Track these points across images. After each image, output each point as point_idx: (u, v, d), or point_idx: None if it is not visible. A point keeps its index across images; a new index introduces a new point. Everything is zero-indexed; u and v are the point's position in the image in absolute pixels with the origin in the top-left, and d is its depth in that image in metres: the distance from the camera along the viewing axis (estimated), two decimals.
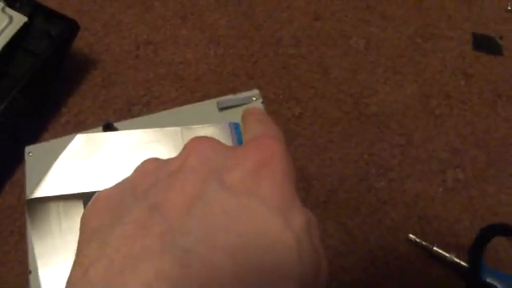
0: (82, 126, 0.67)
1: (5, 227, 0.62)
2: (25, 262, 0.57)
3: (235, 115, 0.53)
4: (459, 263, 0.55)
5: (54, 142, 0.55)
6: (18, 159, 0.62)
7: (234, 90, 0.59)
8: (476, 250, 0.54)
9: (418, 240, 0.57)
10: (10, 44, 0.63)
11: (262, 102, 0.54)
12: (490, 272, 0.54)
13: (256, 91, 0.54)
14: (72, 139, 0.51)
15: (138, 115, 0.64)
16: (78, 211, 0.49)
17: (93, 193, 0.46)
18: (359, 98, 0.66)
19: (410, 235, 0.57)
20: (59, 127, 0.67)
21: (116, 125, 0.54)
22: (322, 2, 0.74)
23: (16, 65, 0.64)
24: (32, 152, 0.54)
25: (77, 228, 0.46)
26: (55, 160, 0.50)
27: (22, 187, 0.63)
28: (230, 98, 0.55)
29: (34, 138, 0.58)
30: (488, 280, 0.53)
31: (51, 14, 0.66)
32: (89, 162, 0.50)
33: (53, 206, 0.49)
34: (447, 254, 0.55)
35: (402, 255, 0.57)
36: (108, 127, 0.53)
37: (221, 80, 0.68)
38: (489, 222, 0.57)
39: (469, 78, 0.67)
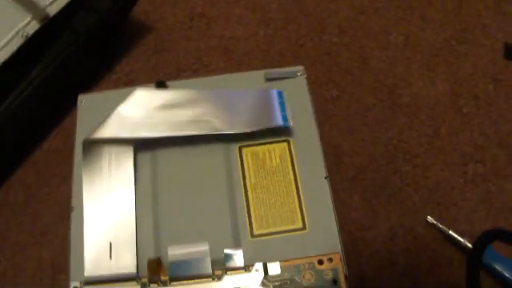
0: (132, 85, 0.71)
1: (48, 170, 0.67)
2: (63, 203, 0.62)
3: (280, 87, 0.57)
4: (471, 248, 0.59)
5: (106, 94, 0.60)
6: (68, 108, 0.67)
7: (279, 68, 0.63)
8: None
9: (435, 222, 0.61)
10: (75, 1, 0.67)
11: (306, 78, 0.59)
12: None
13: (301, 67, 0.59)
14: (124, 93, 0.55)
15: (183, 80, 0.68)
16: (127, 155, 0.53)
17: (144, 138, 0.51)
18: (394, 88, 0.70)
19: (429, 217, 0.62)
20: (110, 83, 0.72)
21: (167, 84, 0.58)
22: None
23: (79, 20, 0.68)
24: (85, 100, 0.58)
25: (124, 171, 0.52)
26: (106, 110, 0.54)
27: (68, 134, 0.68)
28: (276, 70, 0.59)
29: (84, 91, 0.63)
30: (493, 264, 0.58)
31: None
32: (143, 113, 0.54)
33: (106, 148, 0.53)
34: (461, 239, 0.60)
35: (419, 235, 0.61)
36: (160, 84, 0.57)
37: (267, 57, 0.73)
38: (504, 216, 0.62)
39: (497, 83, 0.71)
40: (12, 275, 0.62)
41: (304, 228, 0.50)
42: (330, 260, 0.48)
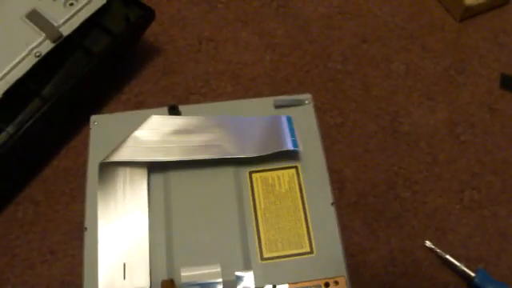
0: (141, 106, 0.74)
1: (58, 188, 0.69)
2: (72, 222, 0.64)
3: (288, 113, 0.60)
4: (467, 272, 0.62)
5: (118, 115, 0.62)
6: (78, 127, 0.69)
7: (285, 94, 0.65)
8: None
9: (433, 247, 0.64)
10: (88, 21, 0.69)
11: (313, 106, 0.61)
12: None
13: (309, 95, 0.62)
14: (135, 116, 0.59)
15: (195, 103, 0.70)
16: (141, 177, 0.55)
17: (157, 162, 0.53)
18: (395, 116, 0.73)
19: (427, 242, 0.64)
20: (120, 104, 0.74)
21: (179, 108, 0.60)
22: (369, 26, 0.81)
23: (92, 40, 0.70)
24: (97, 121, 0.60)
25: (138, 193, 0.54)
26: (118, 131, 0.57)
27: (78, 152, 0.70)
28: (285, 97, 0.62)
29: (94, 111, 0.64)
30: None
31: (129, 0, 0.72)
32: (157, 138, 0.56)
33: (121, 170, 0.55)
34: (458, 263, 0.62)
35: (417, 259, 0.64)
36: (173, 109, 0.60)
37: (274, 83, 0.75)
38: (498, 241, 0.65)
39: (493, 112, 0.74)
40: None
41: (311, 252, 0.53)
42: (336, 283, 0.50)
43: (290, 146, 0.56)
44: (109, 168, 0.55)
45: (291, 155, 0.57)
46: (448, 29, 0.82)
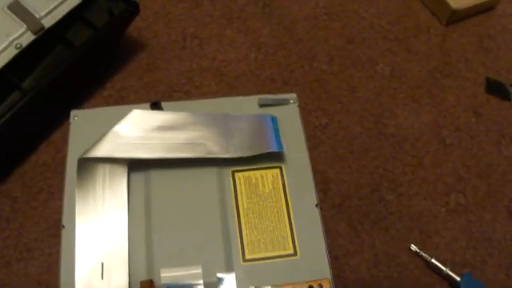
0: (123, 102, 0.72)
1: (35, 183, 0.67)
2: (50, 219, 0.62)
3: (272, 113, 0.59)
4: (452, 276, 0.61)
5: (98, 110, 0.60)
6: (58, 121, 0.68)
7: (269, 93, 0.64)
8: None
9: (418, 251, 0.63)
10: (71, 14, 0.68)
11: (298, 106, 0.60)
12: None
13: (294, 95, 0.61)
14: (117, 111, 0.57)
15: (178, 101, 0.69)
16: (121, 175, 0.54)
17: (138, 159, 0.52)
18: (380, 118, 0.72)
19: (412, 245, 0.64)
20: (101, 99, 0.73)
21: (162, 105, 0.59)
22: (355, 27, 0.81)
23: (74, 33, 0.69)
24: (77, 116, 0.59)
25: (117, 191, 0.52)
26: (99, 126, 0.55)
27: (57, 148, 0.68)
28: (270, 96, 0.61)
29: (74, 106, 0.63)
30: None
31: None
32: (139, 133, 0.55)
33: (100, 167, 0.54)
34: (443, 267, 0.62)
35: (402, 262, 0.63)
36: (155, 105, 0.58)
37: (258, 81, 0.74)
38: (483, 245, 0.64)
39: (478, 116, 0.74)
40: None
41: (295, 254, 0.52)
42: (320, 286, 0.49)
43: (274, 148, 0.55)
44: (88, 164, 0.53)
45: (275, 155, 0.56)
46: (434, 32, 0.82)
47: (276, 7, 0.82)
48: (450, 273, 0.61)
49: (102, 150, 0.53)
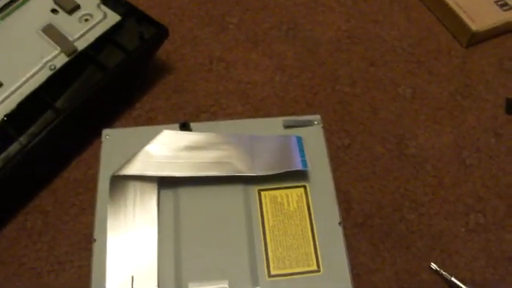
0: (152, 122, 0.75)
1: (67, 199, 0.69)
2: (81, 233, 0.65)
3: (297, 134, 0.61)
4: None
5: (129, 130, 0.63)
6: (88, 140, 0.70)
7: (293, 114, 0.66)
8: None
9: (438, 269, 0.64)
10: (102, 37, 0.70)
11: (322, 127, 0.62)
12: None
13: (318, 116, 0.63)
14: (146, 131, 0.60)
15: (206, 121, 0.71)
16: (151, 192, 0.56)
17: (168, 177, 0.54)
18: (401, 139, 0.74)
19: (432, 264, 0.65)
20: (130, 119, 0.75)
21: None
22: (377, 50, 0.83)
23: (106, 55, 0.71)
24: (109, 135, 0.61)
25: (148, 207, 0.54)
26: (129, 145, 0.58)
27: (88, 165, 0.71)
28: (295, 118, 0.63)
29: (105, 125, 0.65)
30: None
31: (143, 18, 0.73)
32: (169, 153, 0.57)
33: (132, 184, 0.56)
34: (463, 286, 0.63)
35: (423, 280, 0.64)
36: (184, 126, 0.61)
37: (283, 104, 0.77)
38: (503, 265, 0.65)
39: (498, 137, 0.75)
40: None
41: (318, 270, 0.53)
42: None
43: (299, 166, 0.57)
44: (120, 181, 0.56)
45: (300, 174, 0.58)
46: (454, 54, 0.83)
47: (300, 31, 0.85)
48: None
49: (134, 168, 0.56)
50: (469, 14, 0.83)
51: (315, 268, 0.53)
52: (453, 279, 0.63)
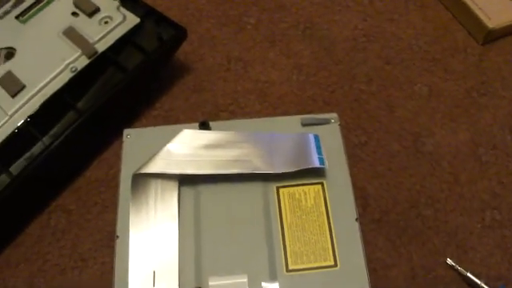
0: (171, 121, 0.76)
1: (90, 198, 0.71)
2: (103, 231, 0.66)
3: (314, 132, 0.62)
4: None
5: (149, 130, 0.64)
6: (109, 140, 0.72)
7: (310, 113, 0.67)
8: None
9: (454, 264, 0.65)
10: (122, 39, 0.72)
11: (339, 125, 0.63)
12: None
13: (335, 115, 0.64)
14: (166, 130, 0.61)
15: (224, 120, 0.72)
16: (172, 189, 0.57)
17: (188, 175, 0.56)
18: (418, 136, 0.75)
19: (448, 259, 0.65)
20: (151, 118, 0.77)
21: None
22: (393, 49, 0.83)
23: (126, 57, 0.72)
24: (130, 135, 0.62)
25: (169, 204, 0.56)
26: (149, 144, 0.59)
27: (109, 164, 0.72)
28: (312, 116, 0.64)
29: (126, 125, 0.66)
30: None
31: (161, 19, 0.75)
32: (189, 151, 0.58)
33: (153, 182, 0.57)
34: (478, 281, 0.63)
35: (439, 276, 0.65)
36: (204, 125, 0.62)
37: (300, 102, 0.78)
38: None
39: None
40: None
41: (335, 265, 0.54)
42: None
43: (316, 164, 0.58)
44: (141, 179, 0.57)
45: (317, 172, 0.59)
46: (470, 52, 0.84)
47: (317, 30, 0.86)
48: (485, 286, 0.63)
49: (155, 167, 0.57)
50: (485, 11, 0.83)
51: (332, 263, 0.54)
52: (468, 274, 0.64)
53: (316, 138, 0.61)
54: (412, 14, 0.88)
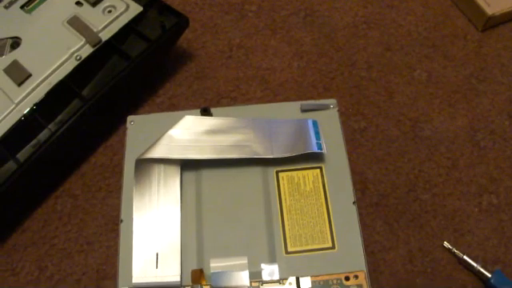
0: (175, 108, 0.77)
1: (95, 183, 0.72)
2: (108, 215, 0.68)
3: (313, 117, 0.63)
4: (483, 273, 0.64)
5: (153, 116, 0.65)
6: (114, 127, 0.73)
7: (311, 99, 0.68)
8: None
9: (451, 248, 0.66)
10: (125, 28, 0.73)
11: (338, 111, 0.65)
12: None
13: (334, 100, 0.65)
14: (169, 117, 0.62)
15: (226, 107, 0.74)
16: (175, 174, 0.59)
17: (190, 160, 0.57)
18: (416, 122, 0.76)
19: (445, 243, 0.67)
20: (154, 105, 0.78)
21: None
22: (393, 35, 0.84)
23: (129, 45, 0.74)
24: (134, 121, 0.64)
25: (171, 188, 0.57)
26: (153, 130, 0.60)
27: (114, 150, 0.74)
28: (311, 102, 0.65)
29: (130, 112, 0.68)
30: None
31: (164, 8, 0.76)
32: (191, 137, 0.60)
33: (156, 167, 0.59)
34: (474, 264, 0.64)
35: (435, 258, 0.66)
36: (205, 111, 0.63)
37: (301, 88, 0.79)
38: None
39: None
40: (58, 279, 0.67)
41: (333, 247, 0.56)
42: (356, 277, 0.53)
43: (315, 148, 0.59)
44: (144, 164, 0.58)
45: (316, 156, 0.60)
46: (470, 38, 0.84)
47: (317, 17, 0.87)
48: (481, 269, 0.64)
49: (158, 152, 0.58)
50: None
51: (330, 245, 0.56)
52: (465, 257, 0.65)
53: (315, 123, 0.62)
54: (412, 1, 0.89)
